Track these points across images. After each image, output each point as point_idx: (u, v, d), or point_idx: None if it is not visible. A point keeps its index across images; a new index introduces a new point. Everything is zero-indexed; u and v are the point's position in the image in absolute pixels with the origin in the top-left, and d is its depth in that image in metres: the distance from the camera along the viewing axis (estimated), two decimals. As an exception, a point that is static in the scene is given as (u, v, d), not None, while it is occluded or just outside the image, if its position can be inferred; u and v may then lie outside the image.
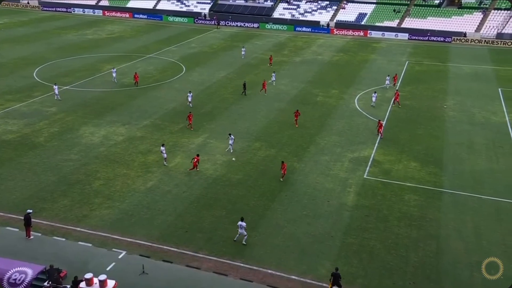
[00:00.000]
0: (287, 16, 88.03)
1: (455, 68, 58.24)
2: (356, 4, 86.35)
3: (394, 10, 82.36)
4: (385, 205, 27.15)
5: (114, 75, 50.10)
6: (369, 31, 78.93)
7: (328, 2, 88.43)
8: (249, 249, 23.34)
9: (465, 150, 34.45)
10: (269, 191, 28.73)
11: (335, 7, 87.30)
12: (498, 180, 30.05)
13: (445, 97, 46.65)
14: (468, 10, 78.54)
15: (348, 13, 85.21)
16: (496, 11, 76.51)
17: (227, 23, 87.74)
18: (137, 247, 23.33)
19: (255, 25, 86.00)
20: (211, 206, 27.19)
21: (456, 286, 20.78)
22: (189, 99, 43.16)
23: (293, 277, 21.45)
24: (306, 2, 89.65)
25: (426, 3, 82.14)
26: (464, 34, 73.69)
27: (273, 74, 51.10)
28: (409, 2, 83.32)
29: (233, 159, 32.72)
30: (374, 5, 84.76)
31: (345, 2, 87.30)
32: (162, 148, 31.80)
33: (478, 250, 23.24)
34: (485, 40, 71.78)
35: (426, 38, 74.65)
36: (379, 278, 21.33)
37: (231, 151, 33.55)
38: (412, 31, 76.33)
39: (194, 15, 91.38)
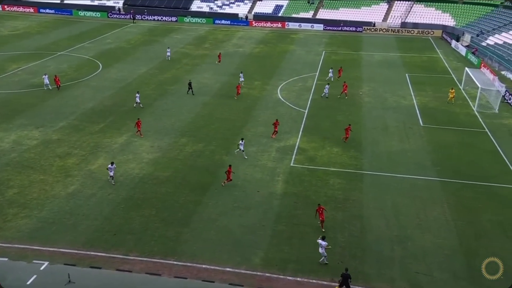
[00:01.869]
0: (205, 9, 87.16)
1: (368, 56, 61.58)
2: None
3: (309, 2, 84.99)
4: (312, 191, 28.07)
5: (46, 81, 44.59)
6: (286, 23, 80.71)
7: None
8: (181, 246, 22.94)
9: (381, 133, 36.63)
10: (199, 186, 28.39)
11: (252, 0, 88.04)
12: (410, 159, 32.35)
13: (360, 84, 49.15)
14: (375, 1, 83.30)
15: (265, 5, 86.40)
16: (399, 1, 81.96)
17: (144, 17, 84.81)
18: (61, 256, 21.90)
19: (173, 18, 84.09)
20: (139, 206, 26.26)
21: (380, 261, 22.10)
22: (137, 99, 40.96)
23: (228, 269, 21.46)
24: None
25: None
26: (373, 24, 78.08)
27: (240, 74, 48.49)
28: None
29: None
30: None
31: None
32: (110, 166, 28.06)
33: (397, 225, 24.89)
34: (391, 29, 76.62)
35: (340, 28, 77.99)
36: (309, 261, 22.03)
37: (245, 157, 31.68)
38: (326, 22, 79.30)
39: (107, 9, 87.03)
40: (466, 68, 48.35)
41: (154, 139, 34.98)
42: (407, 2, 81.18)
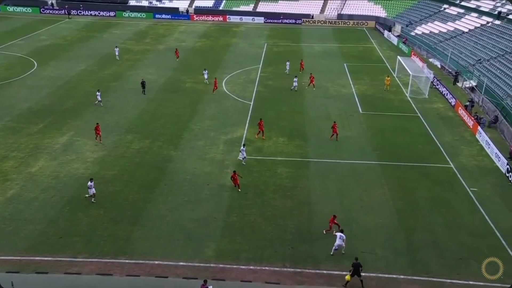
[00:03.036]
0: (145, 3, 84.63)
1: (308, 47, 62.77)
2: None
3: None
4: (261, 181, 28.34)
5: None
6: (228, 16, 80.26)
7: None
8: (132, 244, 22.39)
9: (324, 122, 37.57)
10: (148, 183, 27.75)
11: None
12: (351, 145, 33.54)
13: (302, 75, 50.04)
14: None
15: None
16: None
17: (80, 12, 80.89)
18: (2, 264, 20.67)
19: (112, 13, 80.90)
20: (86, 206, 25.25)
21: (328, 243, 22.74)
22: (98, 97, 39.23)
23: (181, 263, 21.26)
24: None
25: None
26: (312, 16, 79.61)
27: (204, 71, 46.57)
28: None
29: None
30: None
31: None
32: (90, 183, 25.59)
33: (341, 208, 25.75)
34: (328, 21, 78.54)
35: (280, 21, 78.78)
36: (261, 250, 22.32)
37: (243, 163, 30.08)
38: (267, 15, 79.76)
39: (39, 4, 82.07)
40: (398, 57, 50.68)
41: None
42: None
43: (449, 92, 42.58)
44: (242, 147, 30.46)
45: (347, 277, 20.00)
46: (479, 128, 34.69)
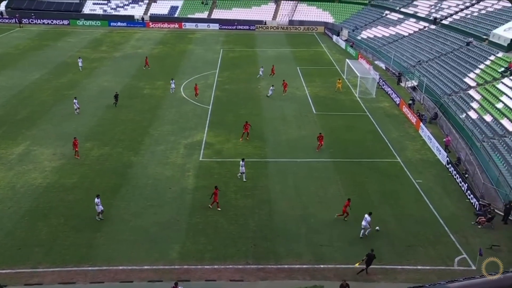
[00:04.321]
0: (99, 11, 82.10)
1: (262, 52, 63.27)
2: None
3: (202, 3, 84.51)
4: (222, 182, 28.24)
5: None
6: (183, 23, 79.41)
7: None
8: (95, 251, 21.67)
9: (280, 123, 38.03)
10: (109, 189, 26.94)
11: (146, 1, 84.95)
12: (307, 144, 34.13)
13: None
14: (263, 1, 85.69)
15: (160, 7, 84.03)
16: (285, 1, 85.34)
17: (32, 21, 77.23)
18: (-40, 281, 19.34)
19: (65, 22, 77.82)
20: (46, 216, 24.17)
21: (288, 239, 23.11)
22: (76, 105, 37.64)
23: (146, 267, 20.82)
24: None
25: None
26: (265, 22, 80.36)
27: (172, 81, 45.11)
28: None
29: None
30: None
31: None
32: (97, 200, 23.95)
33: (299, 205, 26.17)
34: (281, 27, 79.55)
35: (234, 27, 78.90)
36: (225, 249, 22.26)
37: (244, 179, 28.31)
38: (221, 22, 79.64)
39: (-13, 13, 77.67)
40: (347, 60, 52.16)
41: (56, 146, 32.34)
42: (292, 2, 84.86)
43: (394, 92, 44.34)
44: (241, 162, 28.34)
45: (357, 264, 20.75)
46: (421, 124, 36.35)
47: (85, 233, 23.00)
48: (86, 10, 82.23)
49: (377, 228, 23.78)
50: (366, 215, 23.07)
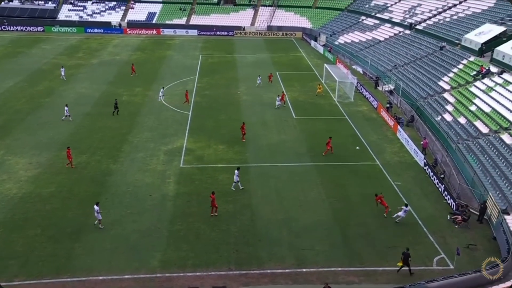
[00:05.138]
0: (75, 18, 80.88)
1: (241, 58, 63.41)
2: (144, 4, 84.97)
3: (180, 9, 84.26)
4: (203, 188, 28.08)
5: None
6: (161, 29, 78.93)
7: (115, 3, 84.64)
8: (74, 261, 21.20)
9: (261, 128, 38.11)
10: (88, 198, 26.40)
11: (123, 7, 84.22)
12: (287, 149, 34.30)
13: (237, 84, 50.42)
14: (241, 7, 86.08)
15: (138, 13, 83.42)
16: (263, 7, 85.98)
17: (4, 28, 75.41)
18: None
19: (40, 28, 76.34)
20: (21, 227, 23.51)
21: (270, 244, 23.10)
22: (66, 112, 37.13)
23: (126, 276, 20.47)
24: (92, 3, 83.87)
25: (207, 2, 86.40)
26: (243, 28, 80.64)
27: (162, 89, 44.55)
28: (192, 1, 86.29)
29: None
30: (161, 4, 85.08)
31: (132, 2, 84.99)
32: (96, 207, 23.59)
33: (281, 209, 26.22)
34: (259, 32, 79.98)
35: (213, 33, 78.89)
36: (207, 255, 22.09)
37: (240, 187, 27.78)
38: (200, 27, 79.52)
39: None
40: (325, 64, 52.79)
41: (31, 155, 31.59)
42: (270, 8, 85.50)
43: (371, 96, 45.09)
44: (236, 171, 27.78)
45: (399, 263, 21.05)
46: (398, 127, 37.05)
47: (63, 243, 22.46)
48: (62, 16, 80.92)
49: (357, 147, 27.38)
50: (404, 207, 24.83)
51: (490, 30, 45.70)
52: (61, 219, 24.36)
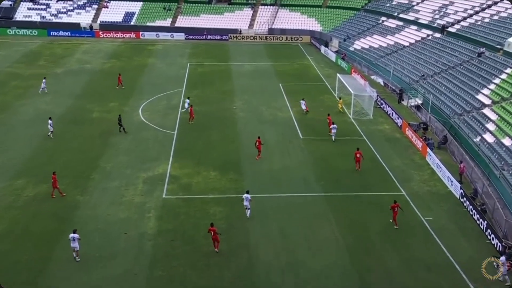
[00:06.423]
0: (36, 18, 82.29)
1: (237, 66, 64.21)
2: (120, 2, 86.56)
3: (164, 8, 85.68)
4: (190, 224, 27.97)
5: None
6: (141, 32, 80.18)
7: (86, 1, 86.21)
8: (30, 318, 20.87)
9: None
10: (47, 238, 26.27)
11: (96, 6, 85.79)
12: (293, 176, 34.33)
13: (232, 98, 50.90)
14: (237, 6, 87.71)
15: (113, 13, 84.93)
16: (263, 6, 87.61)
17: None
18: None
19: (-7, 30, 77.58)
20: (-35, 274, 23.24)
21: (273, 293, 22.90)
22: (50, 127, 38.49)
23: (95, 335, 20.13)
24: (57, 1, 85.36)
25: (196, 0, 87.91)
26: (240, 31, 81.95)
27: (187, 100, 45.58)
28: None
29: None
30: (141, 2, 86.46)
31: (107, 0, 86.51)
32: (74, 235, 24.47)
33: (286, 251, 26.04)
34: (259, 36, 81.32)
35: (203, 37, 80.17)
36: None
37: (247, 215, 28.74)
38: (188, 30, 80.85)
39: None
40: (338, 75, 53.45)
41: (-20, 184, 31.57)
42: (271, 7, 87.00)
43: (395, 112, 45.44)
44: (246, 194, 28.59)
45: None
46: (428, 150, 37.20)
47: (16, 293, 22.23)
48: (19, 16, 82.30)
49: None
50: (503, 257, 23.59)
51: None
52: (14, 264, 24.16)
